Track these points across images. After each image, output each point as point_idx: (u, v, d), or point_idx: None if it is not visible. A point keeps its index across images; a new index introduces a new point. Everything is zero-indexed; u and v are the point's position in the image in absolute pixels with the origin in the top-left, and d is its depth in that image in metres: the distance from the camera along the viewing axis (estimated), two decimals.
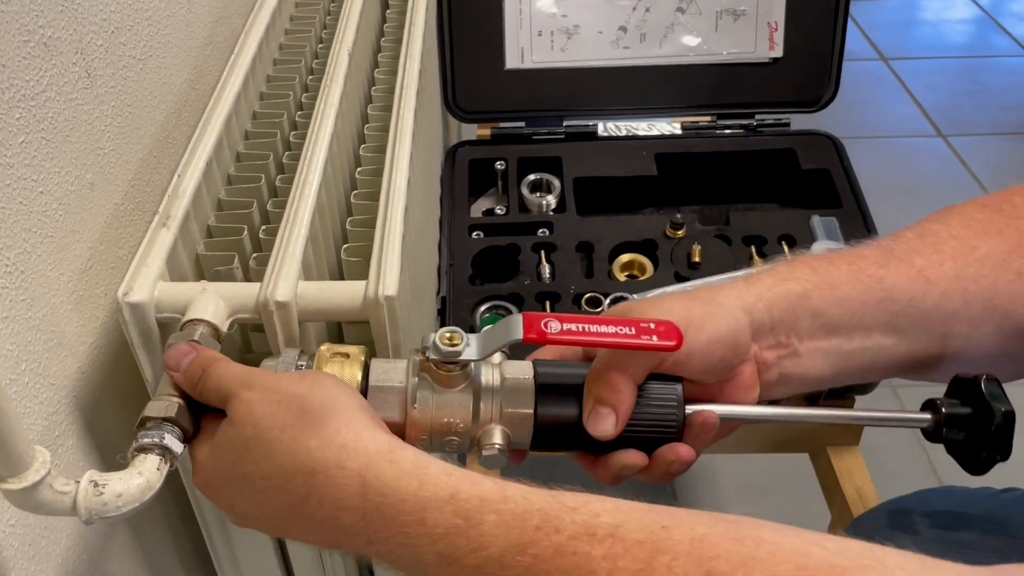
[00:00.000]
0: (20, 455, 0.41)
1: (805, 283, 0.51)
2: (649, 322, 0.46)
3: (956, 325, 0.50)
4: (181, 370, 0.47)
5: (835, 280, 0.51)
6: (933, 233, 0.53)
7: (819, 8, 1.01)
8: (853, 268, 0.52)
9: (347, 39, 0.79)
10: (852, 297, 0.51)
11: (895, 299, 0.51)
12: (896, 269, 0.51)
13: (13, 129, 0.49)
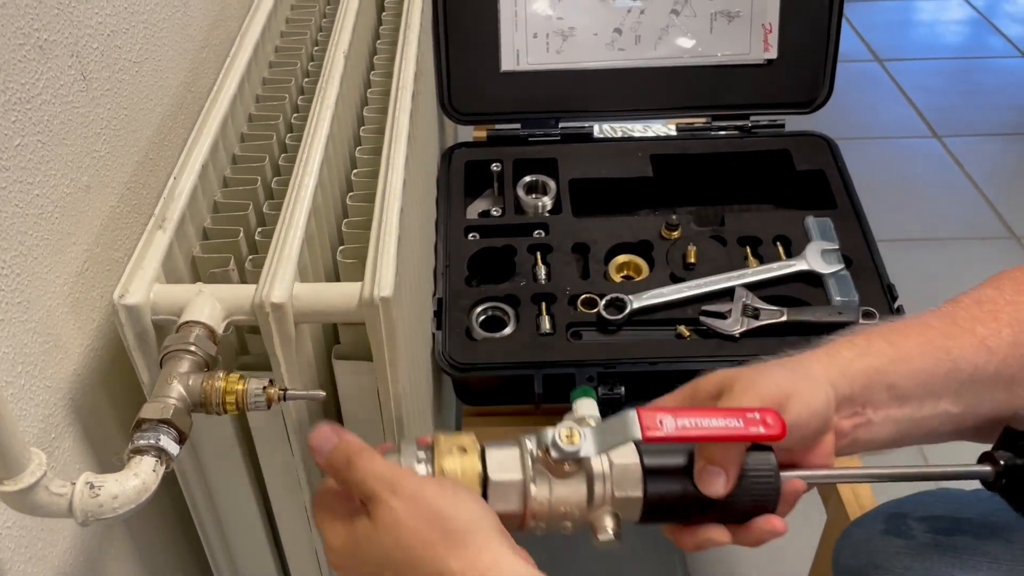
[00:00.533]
0: (16, 457, 0.41)
1: (882, 357, 0.54)
2: (754, 411, 0.49)
3: (1016, 388, 0.54)
4: (324, 455, 0.48)
5: (908, 353, 0.54)
6: (990, 300, 0.57)
7: (813, 10, 1.01)
8: (923, 340, 0.55)
9: (343, 41, 0.79)
10: (923, 369, 0.54)
11: (961, 368, 0.54)
12: (960, 339, 0.55)
13: (9, 132, 0.50)
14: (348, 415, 0.63)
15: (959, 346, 0.54)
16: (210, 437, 0.63)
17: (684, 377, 0.82)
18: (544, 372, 0.82)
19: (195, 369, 0.50)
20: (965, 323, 0.55)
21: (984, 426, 0.57)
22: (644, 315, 0.87)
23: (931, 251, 1.78)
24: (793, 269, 0.89)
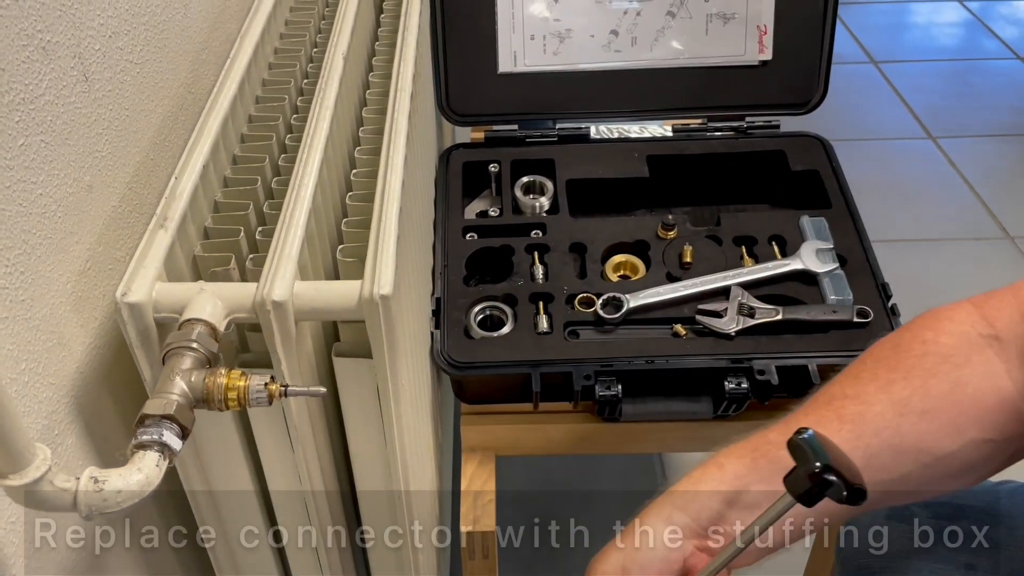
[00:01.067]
0: (21, 452, 0.42)
1: (715, 483, 0.57)
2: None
3: (869, 474, 0.53)
4: None
5: (739, 472, 0.57)
6: (841, 397, 0.58)
7: (807, 12, 1.02)
8: (757, 456, 0.57)
9: (342, 43, 0.79)
10: (759, 482, 0.56)
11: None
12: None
13: (13, 132, 0.50)
14: (348, 412, 0.64)
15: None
16: (211, 434, 0.63)
17: (680, 375, 0.84)
18: (542, 371, 0.83)
19: (197, 366, 0.50)
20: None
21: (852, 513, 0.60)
22: (641, 314, 0.87)
23: (926, 251, 1.80)
24: (788, 268, 0.90)
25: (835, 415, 0.57)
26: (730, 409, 0.85)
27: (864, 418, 0.56)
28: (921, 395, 0.56)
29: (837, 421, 0.57)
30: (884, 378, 0.58)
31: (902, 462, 0.57)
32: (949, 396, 0.57)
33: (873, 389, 0.58)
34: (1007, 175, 2.04)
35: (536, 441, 0.90)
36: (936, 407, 0.56)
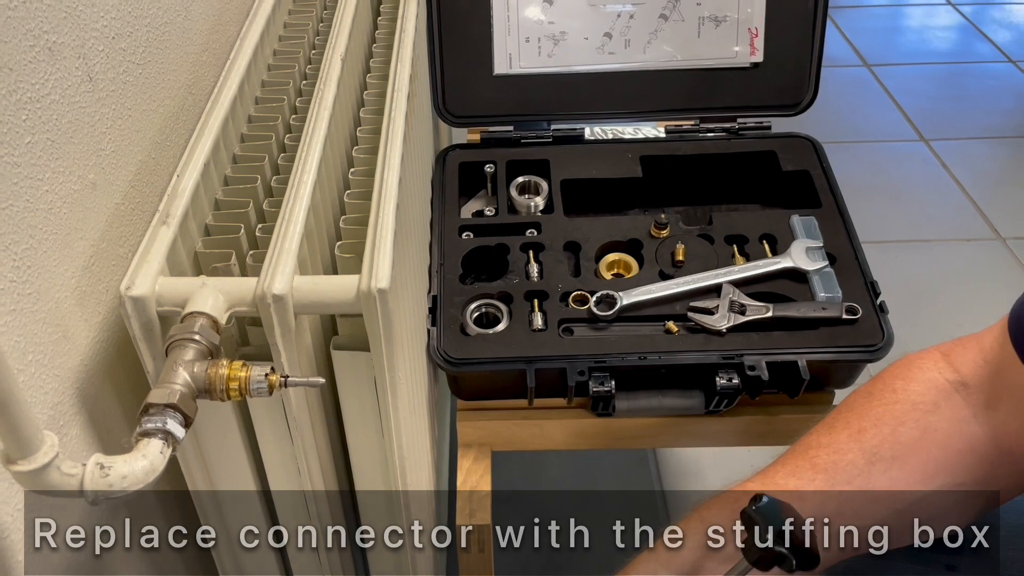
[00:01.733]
0: (30, 438, 0.43)
1: (698, 536, 0.58)
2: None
3: (843, 520, 0.56)
4: None
5: (717, 524, 0.58)
6: (816, 447, 0.60)
7: (798, 14, 1.04)
8: (734, 509, 0.57)
9: (340, 45, 0.81)
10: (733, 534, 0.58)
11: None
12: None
13: (20, 130, 0.52)
14: (346, 405, 0.65)
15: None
16: (213, 433, 0.65)
17: (672, 371, 0.85)
18: (536, 366, 0.84)
19: (199, 357, 0.52)
20: (780, 480, 0.59)
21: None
22: (633, 311, 0.89)
23: (919, 252, 1.81)
24: (778, 266, 0.92)
25: (809, 464, 0.59)
26: (721, 404, 0.87)
27: (837, 467, 0.58)
28: (891, 443, 0.58)
29: (811, 471, 0.59)
30: (855, 426, 0.60)
31: (875, 509, 0.58)
32: (918, 443, 0.58)
33: (844, 437, 0.59)
34: (998, 177, 2.06)
35: (531, 437, 0.92)
36: (905, 453, 0.58)
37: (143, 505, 0.67)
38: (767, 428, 0.92)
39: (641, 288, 0.90)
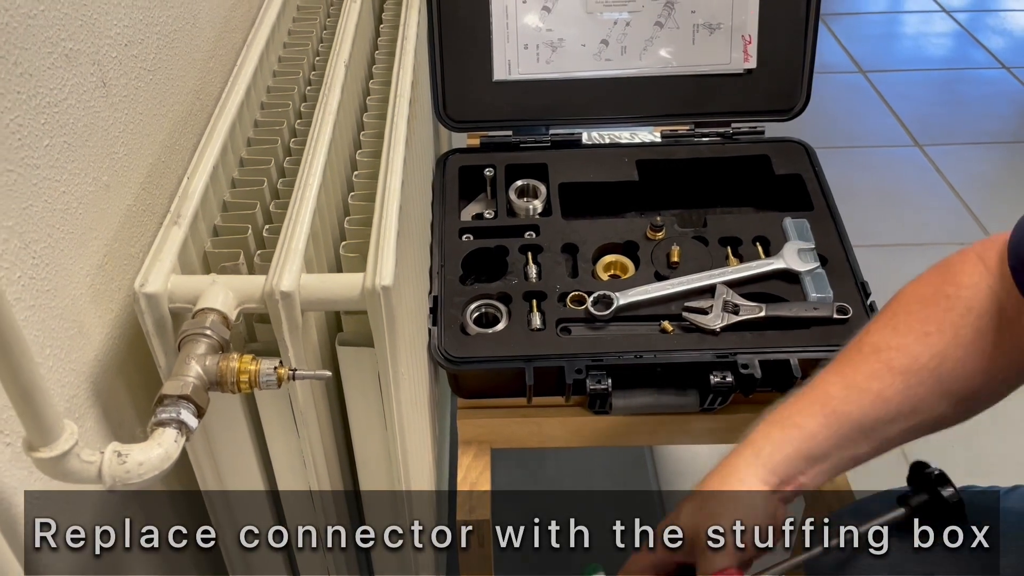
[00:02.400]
0: (51, 427, 0.45)
1: (796, 441, 0.65)
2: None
3: (915, 417, 0.65)
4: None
5: (815, 430, 0.65)
6: (885, 347, 0.66)
7: (790, 22, 1.06)
8: (826, 413, 0.65)
9: (343, 52, 0.83)
10: (831, 436, 0.65)
11: (864, 424, 0.65)
12: (860, 401, 0.65)
13: (39, 133, 0.54)
14: (350, 400, 0.67)
15: (859, 408, 0.65)
16: (222, 425, 0.67)
17: (668, 369, 0.87)
18: (535, 365, 0.86)
19: (211, 351, 0.54)
20: (862, 383, 0.65)
21: (900, 442, 0.67)
22: (630, 311, 0.91)
23: (913, 256, 1.84)
24: (771, 267, 0.94)
25: (885, 367, 0.65)
26: (716, 402, 0.89)
27: (911, 370, 0.64)
28: (954, 346, 0.64)
29: (889, 374, 0.65)
30: (920, 330, 0.65)
31: (942, 403, 0.65)
32: (977, 346, 0.64)
33: (912, 341, 0.65)
34: (992, 181, 2.08)
35: (530, 434, 0.94)
36: (968, 354, 0.64)
37: (143, 505, 0.68)
38: None
39: (637, 289, 0.92)
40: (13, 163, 0.51)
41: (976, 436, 1.48)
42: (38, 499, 0.53)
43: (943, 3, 2.93)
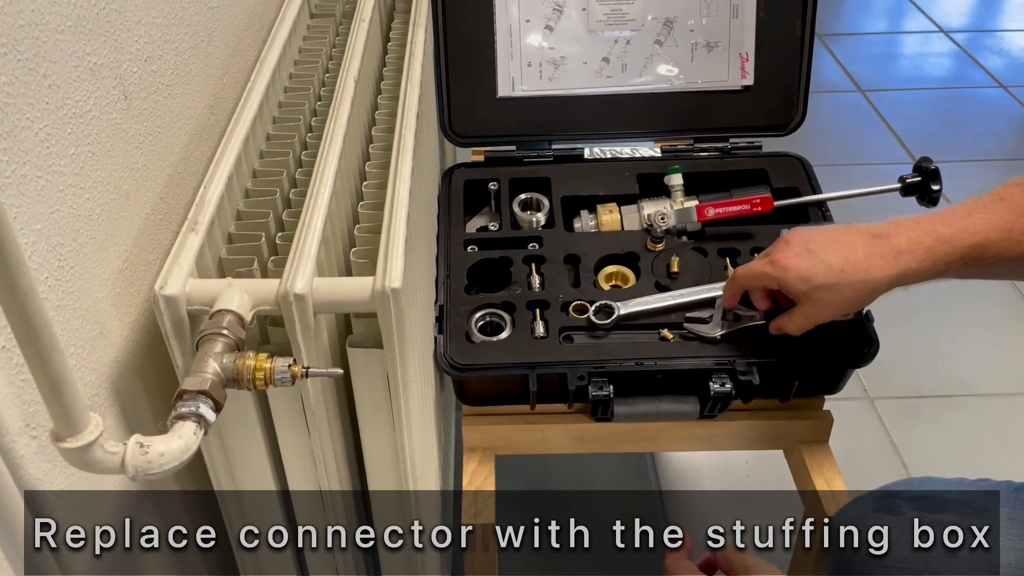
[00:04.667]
0: (78, 418, 0.48)
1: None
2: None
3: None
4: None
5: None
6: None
7: (786, 40, 1.09)
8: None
9: (352, 68, 0.86)
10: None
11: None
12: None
13: (65, 142, 0.57)
14: (360, 401, 0.69)
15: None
16: (235, 425, 0.69)
17: (668, 376, 0.90)
18: (538, 372, 0.88)
19: (227, 350, 0.56)
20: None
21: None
22: (630, 320, 0.93)
23: None
24: None
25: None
26: (715, 408, 0.91)
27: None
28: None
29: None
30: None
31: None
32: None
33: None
34: None
35: (533, 441, 0.96)
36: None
37: (144, 505, 0.70)
38: (760, 432, 0.96)
39: (638, 299, 0.94)
40: (42, 170, 0.53)
41: (980, 444, 1.50)
42: (38, 499, 0.54)
43: (942, 24, 2.97)
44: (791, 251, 0.80)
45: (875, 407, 1.56)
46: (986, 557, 0.72)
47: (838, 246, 0.77)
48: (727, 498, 1.35)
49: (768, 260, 0.82)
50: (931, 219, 0.76)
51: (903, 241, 0.75)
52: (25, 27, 0.52)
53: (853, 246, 0.77)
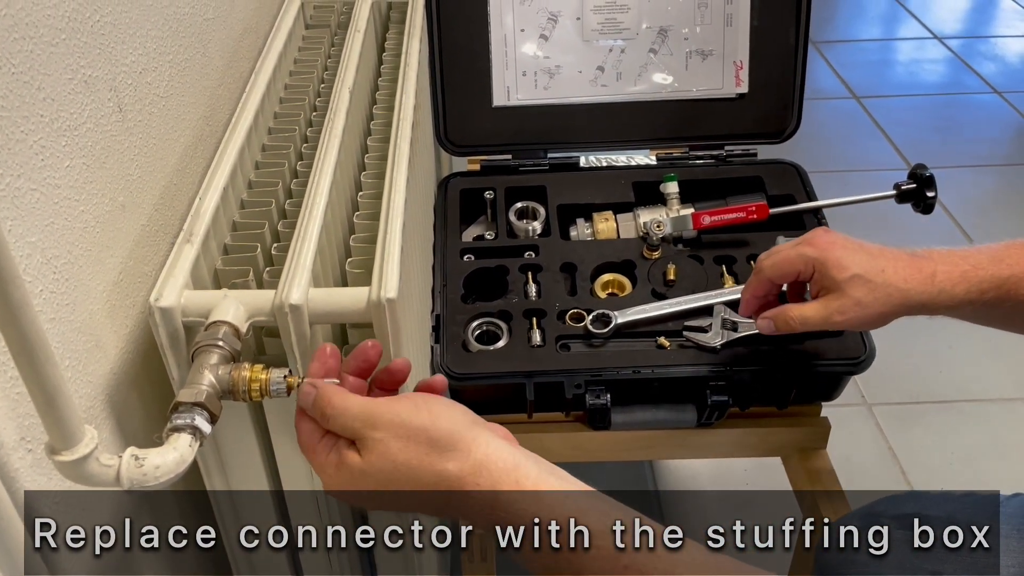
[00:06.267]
0: (73, 431, 0.48)
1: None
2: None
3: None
4: (309, 410, 0.53)
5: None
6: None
7: (781, 47, 1.09)
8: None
9: (348, 79, 0.86)
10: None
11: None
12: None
13: (60, 154, 0.57)
14: None
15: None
16: (228, 422, 0.69)
17: (665, 384, 0.90)
18: (535, 380, 0.88)
19: (223, 361, 0.56)
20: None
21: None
22: (627, 328, 0.93)
23: None
24: None
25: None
26: (712, 416, 0.91)
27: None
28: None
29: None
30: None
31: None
32: None
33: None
34: (985, 203, 2.11)
35: (531, 449, 0.95)
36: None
37: (144, 506, 0.70)
38: (757, 439, 0.96)
39: (636, 308, 0.94)
40: (37, 182, 0.53)
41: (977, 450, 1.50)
42: (38, 499, 0.54)
43: (936, 30, 2.98)
44: (829, 237, 0.76)
45: (873, 413, 1.56)
46: (986, 557, 0.72)
47: (878, 250, 0.75)
48: (725, 500, 1.35)
49: (805, 241, 0.77)
50: (964, 250, 0.74)
51: (939, 264, 0.74)
52: (19, 40, 0.52)
53: (893, 255, 0.75)
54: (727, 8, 1.09)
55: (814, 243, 0.76)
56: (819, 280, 0.76)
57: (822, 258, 0.74)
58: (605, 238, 1.05)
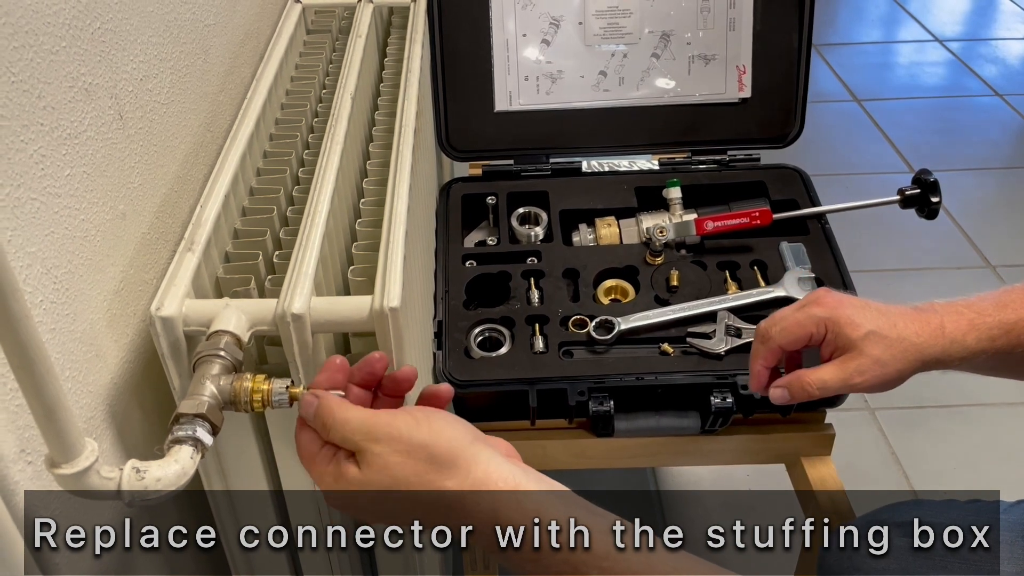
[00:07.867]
0: (73, 444, 0.47)
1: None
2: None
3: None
4: (310, 420, 0.53)
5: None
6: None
7: (783, 52, 1.09)
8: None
9: (349, 85, 0.86)
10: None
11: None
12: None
13: (60, 163, 0.56)
14: None
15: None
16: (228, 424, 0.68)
17: (669, 391, 0.89)
18: (538, 387, 0.88)
19: (225, 372, 0.56)
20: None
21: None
22: (630, 334, 0.93)
23: (910, 281, 1.86)
24: (771, 295, 0.96)
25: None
26: (716, 423, 0.90)
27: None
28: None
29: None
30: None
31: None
32: None
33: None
34: (987, 206, 2.11)
35: (534, 457, 0.95)
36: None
37: (155, 505, 0.69)
38: (761, 446, 0.95)
39: (639, 314, 0.94)
40: (36, 192, 0.53)
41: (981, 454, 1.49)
42: (38, 499, 0.53)
43: (936, 33, 2.97)
44: (835, 296, 0.73)
45: (876, 418, 1.55)
46: (986, 557, 0.72)
47: (884, 307, 0.72)
48: (727, 501, 1.34)
49: (811, 303, 0.73)
50: (965, 300, 0.72)
51: (945, 316, 0.71)
52: (19, 49, 0.51)
53: (899, 310, 0.71)
54: (730, 13, 1.09)
55: (822, 303, 0.72)
56: (832, 341, 0.72)
57: (834, 317, 0.71)
58: (608, 244, 1.04)
